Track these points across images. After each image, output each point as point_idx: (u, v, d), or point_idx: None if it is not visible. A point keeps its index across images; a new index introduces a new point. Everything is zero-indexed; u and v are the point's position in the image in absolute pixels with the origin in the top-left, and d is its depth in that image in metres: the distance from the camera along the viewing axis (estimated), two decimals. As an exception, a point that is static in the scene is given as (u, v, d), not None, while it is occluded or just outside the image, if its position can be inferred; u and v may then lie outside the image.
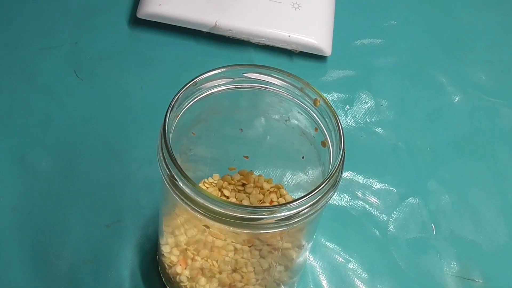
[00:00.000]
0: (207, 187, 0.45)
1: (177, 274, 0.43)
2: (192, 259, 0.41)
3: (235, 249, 0.41)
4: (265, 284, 0.42)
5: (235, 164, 0.46)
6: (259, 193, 0.44)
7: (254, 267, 0.41)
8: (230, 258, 0.41)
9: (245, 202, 0.44)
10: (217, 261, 0.41)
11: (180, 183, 0.35)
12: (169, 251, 0.43)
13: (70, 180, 0.51)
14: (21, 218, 0.49)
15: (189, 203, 0.35)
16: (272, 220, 0.34)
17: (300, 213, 0.35)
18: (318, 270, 0.49)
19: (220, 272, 0.41)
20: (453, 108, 0.60)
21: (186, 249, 0.41)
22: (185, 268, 0.42)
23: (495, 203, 0.55)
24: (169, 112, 0.36)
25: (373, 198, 0.53)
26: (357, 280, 0.49)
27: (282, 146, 0.44)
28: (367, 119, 0.58)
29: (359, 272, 0.50)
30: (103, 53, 0.59)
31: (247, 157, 0.46)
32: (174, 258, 0.43)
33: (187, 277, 0.42)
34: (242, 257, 0.41)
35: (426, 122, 0.59)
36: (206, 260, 0.41)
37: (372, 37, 0.64)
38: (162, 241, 0.43)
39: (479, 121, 0.59)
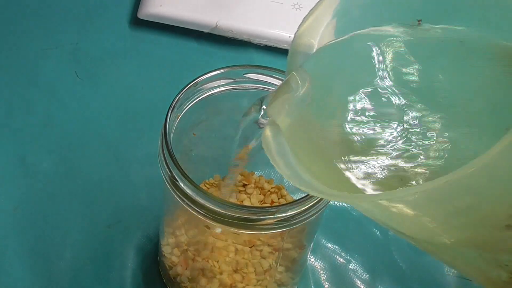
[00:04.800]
0: (208, 188, 0.45)
1: (178, 274, 0.43)
2: (193, 260, 0.41)
3: (236, 249, 0.41)
4: (266, 285, 0.42)
5: (236, 164, 0.46)
6: (260, 194, 0.44)
7: (255, 268, 0.41)
8: (230, 259, 0.41)
9: (246, 203, 0.44)
10: (218, 261, 0.41)
11: (181, 183, 0.35)
12: (170, 252, 0.43)
13: (71, 181, 0.51)
14: (23, 219, 0.49)
15: (190, 204, 0.35)
16: (273, 221, 0.34)
17: (301, 213, 0.35)
18: (319, 270, 0.49)
19: (221, 273, 0.41)
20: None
21: (186, 250, 0.42)
22: (186, 269, 0.42)
23: (496, 204, 0.54)
24: (170, 113, 0.37)
25: (374, 199, 0.53)
26: (358, 281, 0.49)
27: (283, 147, 0.44)
28: (368, 120, 0.58)
29: (360, 273, 0.50)
30: (104, 53, 0.59)
31: (248, 157, 0.46)
32: (175, 259, 0.43)
33: (188, 278, 0.42)
34: (243, 258, 0.41)
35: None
36: (207, 261, 0.41)
37: (373, 38, 0.64)
38: (163, 241, 0.43)
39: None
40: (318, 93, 0.32)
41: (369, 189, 0.29)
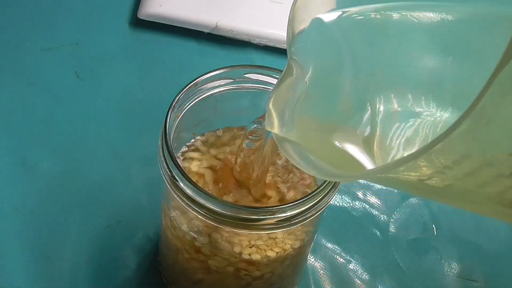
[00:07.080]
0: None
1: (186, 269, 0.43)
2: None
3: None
4: (267, 284, 0.42)
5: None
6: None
7: (256, 267, 0.41)
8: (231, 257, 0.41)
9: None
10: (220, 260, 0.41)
11: (181, 183, 0.35)
12: (172, 250, 0.43)
13: (71, 181, 0.51)
14: (23, 219, 0.49)
15: (190, 204, 0.35)
16: (273, 221, 0.34)
17: (301, 213, 0.35)
18: (319, 270, 0.49)
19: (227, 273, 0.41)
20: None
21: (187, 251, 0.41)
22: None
23: (496, 204, 0.54)
24: (170, 113, 0.37)
25: (373, 199, 0.53)
26: (358, 281, 0.49)
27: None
28: (368, 120, 0.58)
29: (359, 273, 0.50)
30: (104, 53, 0.59)
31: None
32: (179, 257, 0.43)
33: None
34: (244, 257, 0.41)
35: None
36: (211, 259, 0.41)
37: (373, 38, 0.64)
38: (162, 242, 0.43)
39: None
40: (316, 79, 0.32)
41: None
